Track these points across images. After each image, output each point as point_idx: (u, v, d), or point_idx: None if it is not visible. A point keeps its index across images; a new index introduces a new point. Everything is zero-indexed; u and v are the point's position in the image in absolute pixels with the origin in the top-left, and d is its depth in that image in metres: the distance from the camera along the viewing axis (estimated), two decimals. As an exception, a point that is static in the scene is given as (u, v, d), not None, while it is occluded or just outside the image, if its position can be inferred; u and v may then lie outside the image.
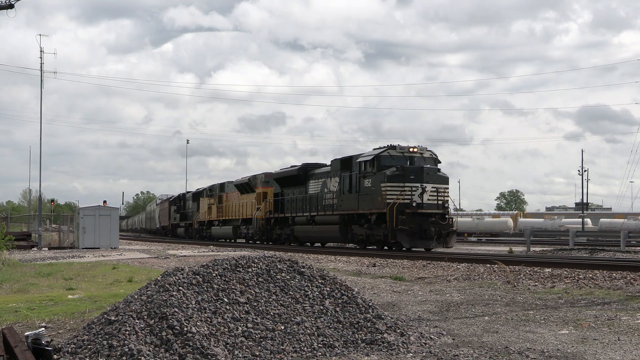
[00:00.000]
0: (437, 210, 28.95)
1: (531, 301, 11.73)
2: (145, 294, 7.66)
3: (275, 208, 40.24)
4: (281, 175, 39.91)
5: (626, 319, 9.46)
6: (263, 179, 42.92)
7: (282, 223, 39.68)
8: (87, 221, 38.24)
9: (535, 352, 7.18)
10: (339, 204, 32.54)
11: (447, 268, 19.03)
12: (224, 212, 50.23)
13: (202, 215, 55.79)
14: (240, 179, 47.03)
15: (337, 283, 8.59)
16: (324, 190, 34.48)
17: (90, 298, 12.83)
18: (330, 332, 7.59)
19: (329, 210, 33.69)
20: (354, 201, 31.13)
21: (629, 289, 13.04)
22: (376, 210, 29.54)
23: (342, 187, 32.29)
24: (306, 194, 36.36)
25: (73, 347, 7.05)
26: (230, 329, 7.20)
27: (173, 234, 68.88)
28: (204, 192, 56.76)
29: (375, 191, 29.47)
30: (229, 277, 8.07)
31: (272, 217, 40.62)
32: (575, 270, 16.75)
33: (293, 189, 38.16)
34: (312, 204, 35.40)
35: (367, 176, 30.21)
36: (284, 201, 39.10)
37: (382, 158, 29.75)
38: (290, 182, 38.40)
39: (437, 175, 29.62)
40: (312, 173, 36.62)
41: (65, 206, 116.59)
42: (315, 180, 35.77)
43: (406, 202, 28.47)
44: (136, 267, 21.84)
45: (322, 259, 24.74)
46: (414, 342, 7.65)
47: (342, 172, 32.56)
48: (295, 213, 37.30)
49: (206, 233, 55.19)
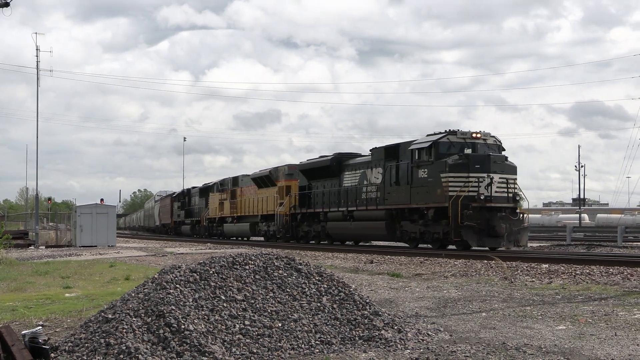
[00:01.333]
0: (507, 203, 25.51)
1: (528, 297, 11.74)
2: (142, 292, 7.66)
3: (302, 203, 36.77)
4: (309, 167, 36.35)
5: (623, 314, 9.47)
6: (286, 171, 39.69)
7: (310, 219, 36.17)
8: (84, 219, 38.20)
9: (533, 348, 7.19)
10: (384, 197, 28.95)
11: (444, 264, 19.04)
12: (238, 208, 46.67)
13: (212, 211, 52.17)
14: (258, 172, 43.81)
15: (334, 280, 8.59)
16: (363, 182, 31.12)
17: (88, 296, 12.83)
18: (328, 329, 7.59)
19: (371, 204, 30.04)
20: (405, 194, 27.56)
21: (625, 285, 13.06)
22: (434, 204, 25.97)
23: (388, 179, 28.72)
24: (340, 186, 32.98)
25: (70, 345, 7.04)
26: (227, 326, 7.20)
27: (176, 232, 65.92)
28: (214, 186, 52.83)
29: (433, 182, 25.97)
30: (226, 274, 8.06)
31: (298, 213, 37.16)
32: (572, 265, 16.77)
33: (323, 182, 34.83)
34: (349, 197, 31.93)
35: (422, 166, 26.63)
36: (313, 195, 35.71)
37: (440, 145, 26.17)
38: (321, 174, 34.92)
39: (505, 164, 26.09)
40: (347, 164, 33.28)
41: (63, 204, 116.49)
42: (352, 172, 32.46)
43: (472, 194, 24.98)
44: (133, 265, 21.83)
45: (320, 256, 24.73)
46: (412, 339, 7.65)
47: (386, 162, 29.14)
48: (328, 208, 33.71)
49: (217, 231, 51.75)
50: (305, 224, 36.59)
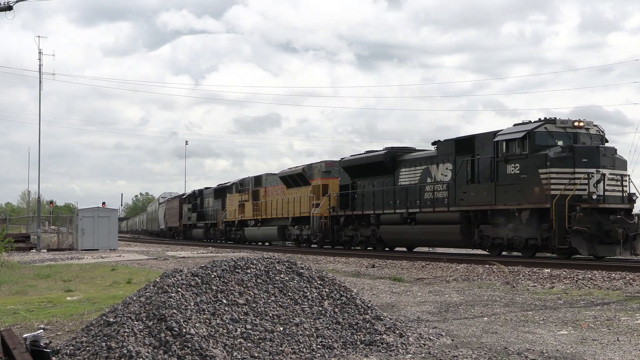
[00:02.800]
0: (621, 204, 21.83)
1: (530, 302, 11.73)
2: (144, 296, 7.66)
3: (343, 203, 32.77)
4: (355, 163, 32.23)
5: (625, 319, 9.45)
6: (323, 168, 35.99)
7: (356, 222, 32.15)
8: (86, 223, 38.26)
9: (535, 353, 7.18)
10: (457, 197, 25.22)
11: (446, 269, 19.03)
12: (262, 210, 42.65)
13: (231, 214, 48.01)
14: (288, 170, 39.98)
15: (336, 284, 8.59)
16: (426, 180, 27.31)
17: (89, 300, 12.83)
18: (329, 333, 7.58)
19: (439, 205, 26.30)
20: (487, 193, 23.77)
21: (628, 290, 13.04)
22: (530, 204, 22.19)
23: (462, 176, 25.06)
24: (395, 185, 29.10)
25: (72, 348, 7.04)
26: (229, 330, 7.20)
27: (185, 235, 62.04)
28: (232, 187, 48.18)
29: (529, 180, 22.21)
30: (227, 278, 8.06)
31: (340, 215, 33.05)
32: (574, 270, 16.76)
33: (372, 180, 30.77)
34: (408, 197, 28.08)
35: (511, 160, 22.83)
36: (359, 195, 31.72)
37: (537, 135, 22.36)
38: (370, 170, 30.85)
39: (615, 158, 22.32)
40: (403, 159, 29.32)
41: (64, 208, 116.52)
42: (410, 168, 28.51)
43: (580, 193, 21.36)
44: (135, 268, 21.84)
45: (321, 260, 24.73)
46: (413, 343, 7.64)
47: (458, 156, 25.50)
48: (381, 210, 29.61)
49: (236, 235, 47.44)
50: (350, 227, 32.59)
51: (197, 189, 60.59)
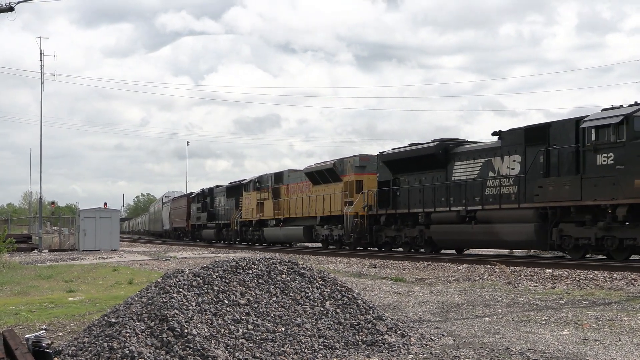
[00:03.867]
0: None
1: (532, 302, 11.72)
2: (145, 296, 7.66)
3: (382, 201, 29.94)
4: (399, 157, 29.25)
5: (627, 319, 9.45)
6: (357, 162, 33.17)
7: (400, 222, 29.10)
8: (88, 223, 38.31)
9: (537, 353, 7.17)
10: (530, 192, 22.41)
11: (447, 269, 19.02)
12: (284, 209, 39.97)
13: (247, 213, 44.92)
14: (314, 165, 37.11)
15: (337, 284, 8.59)
16: (487, 173, 24.61)
17: (91, 300, 12.84)
18: (331, 333, 7.58)
19: (506, 201, 23.58)
20: (570, 188, 20.97)
21: (630, 290, 13.03)
22: (628, 199, 19.44)
23: (536, 168, 22.37)
24: (448, 180, 26.37)
25: (73, 349, 7.04)
26: (230, 330, 7.20)
27: (194, 236, 59.50)
28: (249, 184, 45.07)
29: (626, 171, 19.42)
30: (229, 278, 8.06)
31: (380, 214, 30.07)
32: (575, 270, 16.75)
33: (420, 175, 28.01)
34: (466, 194, 25.26)
35: (602, 149, 20.14)
36: (402, 191, 28.85)
37: (637, 120, 19.64)
38: (417, 164, 28.04)
39: None
40: (457, 152, 26.55)
41: (66, 208, 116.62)
42: (466, 161, 25.80)
43: None
44: (136, 269, 21.85)
45: (323, 260, 24.73)
46: (415, 344, 7.64)
47: (528, 147, 22.87)
48: (433, 207, 26.82)
49: (254, 235, 44.67)
50: (393, 227, 29.49)
51: (206, 188, 58.09)
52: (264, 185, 42.97)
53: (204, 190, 57.91)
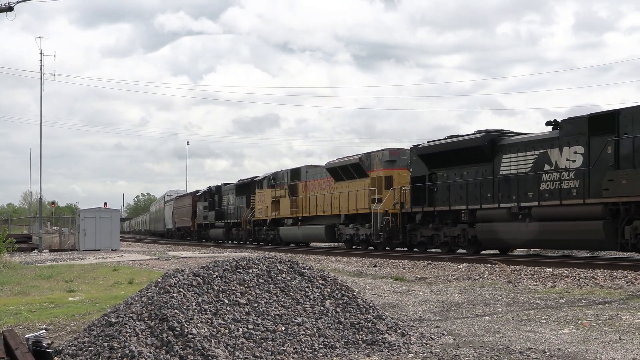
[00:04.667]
0: None
1: (532, 301, 11.73)
2: (145, 296, 7.66)
3: (417, 198, 27.61)
4: (438, 150, 26.88)
5: (627, 318, 9.45)
6: (387, 157, 30.73)
7: (437, 220, 26.74)
8: (88, 223, 38.34)
9: (537, 352, 7.18)
10: (601, 186, 19.97)
11: (447, 268, 19.03)
12: (302, 207, 37.81)
13: (261, 211, 42.88)
14: (338, 160, 34.58)
15: (337, 284, 8.59)
16: (543, 166, 22.45)
17: (91, 300, 12.84)
18: (331, 332, 7.58)
19: (567, 197, 21.43)
20: None
21: (630, 288, 13.03)
22: None
23: (604, 160, 20.20)
24: (495, 174, 24.18)
25: (74, 349, 7.05)
26: (230, 330, 7.20)
27: (200, 236, 57.46)
28: (263, 181, 42.72)
29: None
30: (229, 278, 8.06)
31: (415, 212, 27.77)
32: (576, 269, 16.76)
33: (461, 169, 25.83)
34: (519, 189, 22.98)
35: None
36: (440, 187, 26.70)
37: None
38: (459, 158, 25.85)
39: None
40: (505, 143, 24.30)
41: (66, 208, 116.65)
42: (517, 154, 23.54)
43: None
44: (137, 268, 21.85)
45: (323, 260, 24.74)
46: (415, 343, 7.64)
47: (593, 137, 20.72)
48: (479, 204, 24.44)
49: (268, 235, 42.65)
50: (430, 226, 27.02)
51: (213, 185, 55.95)
52: (279, 182, 40.93)
53: (211, 188, 55.82)
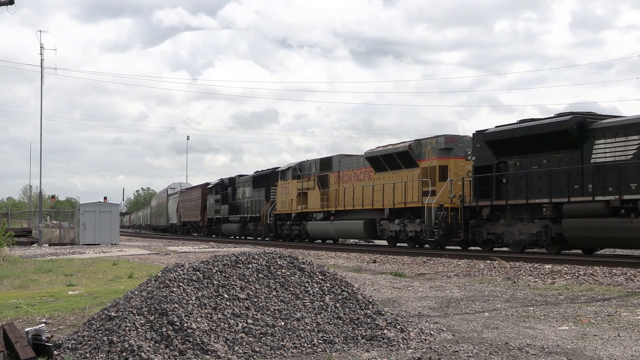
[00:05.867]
0: None
1: (531, 297, 11.74)
2: (145, 290, 7.67)
3: (482, 190, 24.29)
4: (510, 136, 23.46)
5: (626, 314, 9.46)
6: (442, 144, 27.24)
7: (509, 215, 23.42)
8: (88, 217, 38.32)
9: (535, 348, 7.19)
10: None
11: (447, 264, 19.05)
12: (335, 200, 34.19)
13: (284, 205, 39.39)
14: (381, 149, 30.95)
15: (337, 279, 8.60)
16: None
17: (91, 294, 12.85)
18: (331, 328, 7.59)
19: None
20: None
21: (629, 285, 13.05)
22: None
23: None
24: (584, 163, 20.89)
25: (73, 342, 7.06)
26: (230, 324, 7.21)
27: (211, 231, 54.01)
28: (287, 172, 39.13)
29: None
30: (229, 273, 8.07)
31: (481, 206, 24.31)
32: (575, 266, 16.77)
33: (539, 157, 22.45)
34: (620, 179, 19.69)
35: None
36: (511, 178, 23.34)
37: None
38: (537, 144, 22.40)
39: None
40: (597, 127, 20.96)
41: (66, 202, 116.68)
42: (615, 139, 20.24)
43: None
44: (136, 263, 21.86)
45: (323, 255, 24.75)
46: (414, 338, 7.65)
47: None
48: (566, 197, 21.26)
49: (291, 230, 39.10)
50: (502, 222, 23.72)
51: (225, 178, 52.07)
52: (305, 172, 37.48)
53: (223, 180, 52.08)
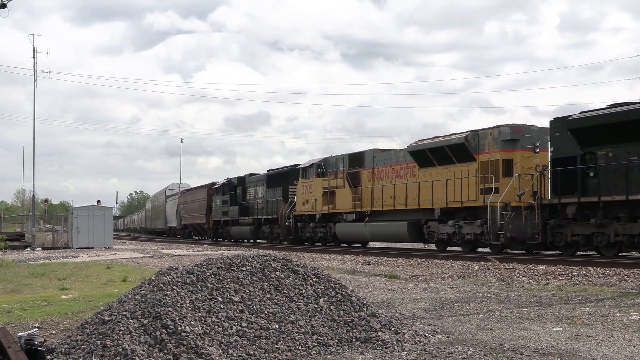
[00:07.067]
0: None
1: (525, 298, 11.75)
2: (139, 294, 7.65)
3: (564, 186, 21.28)
4: (604, 121, 20.28)
5: (619, 315, 9.48)
6: (506, 134, 24.23)
7: (602, 215, 20.17)
8: (81, 221, 38.23)
9: (530, 350, 7.19)
10: None
11: (441, 266, 19.05)
12: (369, 199, 31.01)
13: (306, 205, 36.08)
14: (427, 141, 27.72)
15: (331, 281, 8.59)
16: None
17: (84, 298, 12.81)
18: (325, 330, 7.58)
19: None
20: None
21: (622, 286, 13.08)
22: None
23: None
24: None
25: (66, 347, 7.03)
26: (224, 328, 7.19)
27: (217, 234, 51.29)
28: (309, 169, 36.13)
29: None
30: (223, 276, 8.05)
31: (565, 203, 21.19)
32: (569, 267, 16.80)
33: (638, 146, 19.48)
34: None
35: None
36: (603, 171, 20.41)
37: None
38: (637, 132, 19.40)
39: None
40: None
41: (59, 206, 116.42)
42: None
43: None
44: (130, 266, 21.81)
45: (317, 258, 24.74)
46: (409, 340, 7.65)
47: None
48: None
49: (315, 233, 35.95)
50: (592, 221, 20.34)
51: (233, 177, 49.43)
52: (331, 169, 34.50)
53: (231, 180, 49.37)
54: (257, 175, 46.19)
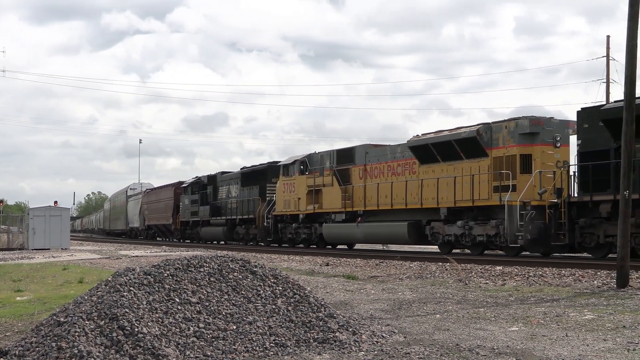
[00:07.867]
0: None
1: (482, 299, 11.87)
2: (95, 295, 7.57)
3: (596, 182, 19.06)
4: None
5: (574, 315, 9.63)
6: (524, 127, 22.11)
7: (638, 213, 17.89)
8: (37, 222, 37.74)
9: (486, 349, 7.27)
10: None
11: (399, 267, 19.15)
12: (360, 198, 28.73)
13: (287, 204, 33.76)
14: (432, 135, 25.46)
15: (289, 282, 8.59)
16: None
17: (40, 299, 12.64)
18: (283, 331, 7.58)
19: None
20: None
21: (577, 286, 13.28)
22: None
23: None
24: None
25: (21, 349, 6.93)
26: (181, 329, 7.16)
27: (185, 236, 48.65)
28: (291, 166, 33.78)
29: None
30: (180, 277, 8.01)
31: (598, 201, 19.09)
32: (525, 267, 17.01)
33: None
34: None
35: None
36: None
37: None
38: None
39: None
40: None
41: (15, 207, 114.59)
42: None
43: None
44: (87, 267, 21.57)
45: (275, 259, 24.70)
46: (366, 341, 7.68)
47: None
48: None
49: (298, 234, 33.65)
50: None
51: (203, 175, 47.03)
52: (316, 166, 32.16)
53: (201, 178, 46.83)
54: (230, 173, 43.67)
